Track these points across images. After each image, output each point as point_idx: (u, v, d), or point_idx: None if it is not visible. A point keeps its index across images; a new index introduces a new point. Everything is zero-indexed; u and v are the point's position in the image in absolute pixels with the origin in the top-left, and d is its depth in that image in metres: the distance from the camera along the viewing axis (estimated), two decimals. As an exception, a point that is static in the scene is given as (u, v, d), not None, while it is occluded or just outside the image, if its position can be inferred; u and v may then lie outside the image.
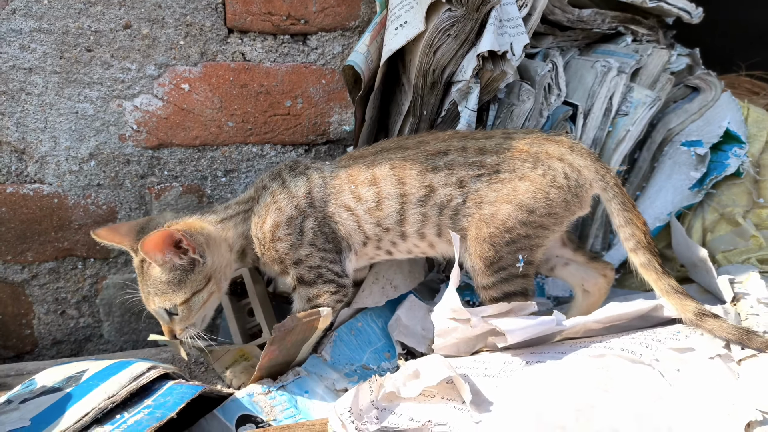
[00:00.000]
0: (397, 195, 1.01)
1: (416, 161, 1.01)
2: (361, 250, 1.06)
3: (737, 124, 1.33)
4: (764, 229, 1.23)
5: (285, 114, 1.29)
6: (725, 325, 0.87)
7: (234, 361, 1.10)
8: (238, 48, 1.23)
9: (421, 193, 1.00)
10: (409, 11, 1.06)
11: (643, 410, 0.78)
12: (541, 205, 0.98)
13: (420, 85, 1.08)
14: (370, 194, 1.01)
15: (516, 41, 1.06)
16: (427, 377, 0.84)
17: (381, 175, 1.02)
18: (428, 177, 1.00)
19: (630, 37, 1.39)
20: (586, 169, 1.00)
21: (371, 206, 1.02)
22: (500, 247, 0.99)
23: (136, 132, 1.22)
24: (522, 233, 0.99)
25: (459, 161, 1.00)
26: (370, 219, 1.02)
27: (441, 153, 1.01)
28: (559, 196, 0.98)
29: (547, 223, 1.00)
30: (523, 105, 1.13)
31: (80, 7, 1.13)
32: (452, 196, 1.00)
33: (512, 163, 0.99)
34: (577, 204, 1.01)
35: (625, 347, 0.90)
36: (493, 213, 0.98)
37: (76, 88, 1.17)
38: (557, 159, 0.99)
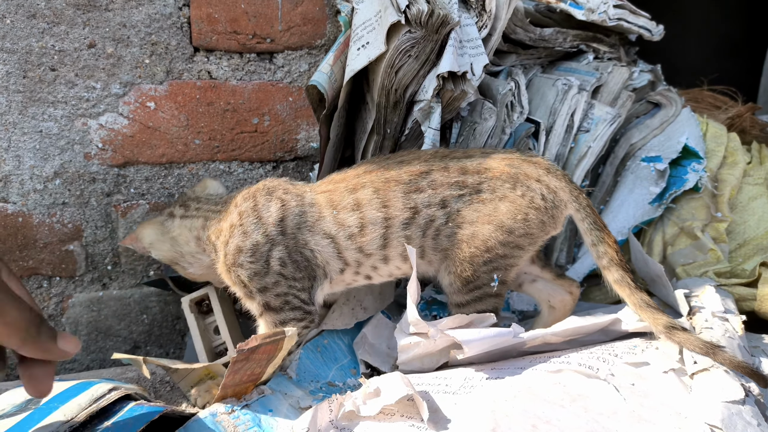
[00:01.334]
0: (382, 219, 0.99)
1: (400, 182, 1.00)
2: (337, 278, 1.04)
3: (696, 140, 1.36)
4: (722, 242, 1.26)
5: (252, 131, 1.30)
6: (693, 338, 0.89)
7: (199, 379, 1.10)
8: (204, 66, 1.24)
9: (406, 215, 0.99)
10: (371, 32, 1.08)
11: (597, 425, 0.80)
12: (520, 226, 0.99)
13: (383, 104, 1.09)
14: (353, 220, 0.99)
15: (476, 61, 1.08)
16: (387, 395, 0.84)
17: (364, 198, 0.99)
18: (412, 198, 0.99)
19: (592, 55, 1.43)
20: (562, 191, 1.01)
21: (354, 232, 0.99)
22: (478, 266, 1.00)
23: (102, 150, 1.22)
24: (500, 253, 1.00)
25: (442, 180, 1.00)
26: (351, 245, 1.00)
27: (424, 173, 1.00)
28: (536, 216, 1.00)
29: (523, 243, 1.01)
30: (486, 123, 1.15)
31: (44, 27, 1.13)
32: (435, 216, 0.99)
33: (492, 183, 0.99)
34: (552, 224, 1.02)
35: (582, 362, 0.92)
36: (473, 233, 0.99)
37: (41, 107, 1.17)
38: (535, 180, 1.00)
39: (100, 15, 1.15)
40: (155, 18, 1.18)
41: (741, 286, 1.16)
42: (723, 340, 0.92)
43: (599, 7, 1.37)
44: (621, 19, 1.41)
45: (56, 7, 1.12)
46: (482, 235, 0.98)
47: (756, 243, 1.25)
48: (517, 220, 0.99)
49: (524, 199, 0.99)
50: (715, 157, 1.38)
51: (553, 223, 1.02)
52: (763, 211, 1.29)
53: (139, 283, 1.32)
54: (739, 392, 0.82)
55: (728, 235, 1.28)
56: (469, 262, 0.99)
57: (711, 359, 0.86)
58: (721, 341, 0.91)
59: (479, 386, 0.89)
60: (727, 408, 0.80)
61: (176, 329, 1.38)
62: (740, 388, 0.82)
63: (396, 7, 1.03)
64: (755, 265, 1.19)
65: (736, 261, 1.24)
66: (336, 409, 0.86)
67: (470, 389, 0.89)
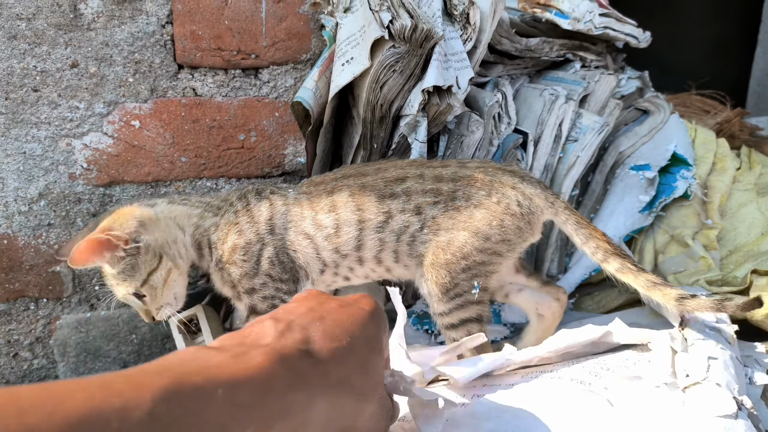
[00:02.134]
0: (356, 221, 1.01)
1: (375, 188, 1.02)
2: (318, 278, 1.06)
3: (684, 147, 1.36)
4: (713, 249, 1.26)
5: (239, 148, 1.29)
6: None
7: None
8: (188, 83, 1.23)
9: (380, 219, 1.01)
10: (355, 47, 1.07)
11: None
12: (496, 232, 1.00)
13: (368, 119, 1.09)
14: (329, 221, 1.01)
15: (461, 75, 1.07)
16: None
17: (340, 201, 1.02)
18: (386, 203, 1.01)
19: (579, 64, 1.42)
20: (537, 197, 1.02)
21: (330, 233, 1.02)
22: (456, 273, 1.00)
23: (87, 170, 1.21)
24: (477, 260, 1.00)
25: (416, 188, 1.01)
26: (328, 246, 1.02)
27: (399, 179, 1.02)
28: (512, 223, 1.00)
29: (501, 249, 1.01)
30: (473, 135, 1.14)
31: (25, 48, 1.12)
32: (410, 223, 1.00)
33: (468, 190, 1.00)
34: (529, 230, 1.03)
35: (574, 377, 0.91)
36: (449, 240, 1.00)
37: (24, 128, 1.16)
38: (510, 187, 1.01)
39: (83, 35, 1.14)
40: (138, 36, 1.17)
41: (733, 294, 1.15)
42: (715, 351, 0.91)
43: (585, 16, 1.36)
44: (607, 28, 1.41)
45: (37, 28, 1.11)
46: (458, 242, 0.99)
47: (747, 250, 1.25)
48: (493, 227, 0.99)
49: (500, 206, 1.00)
50: (705, 164, 1.38)
51: (530, 229, 1.02)
52: (754, 218, 1.29)
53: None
54: (731, 406, 0.81)
55: (719, 242, 1.27)
56: (446, 269, 0.99)
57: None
58: (713, 353, 0.90)
59: (471, 404, 0.88)
60: (721, 422, 0.79)
61: (166, 348, 1.37)
62: (732, 402, 0.81)
63: (379, 23, 1.03)
64: (746, 273, 1.18)
65: (727, 268, 1.23)
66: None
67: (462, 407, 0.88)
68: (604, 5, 1.43)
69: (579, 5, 1.37)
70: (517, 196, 1.00)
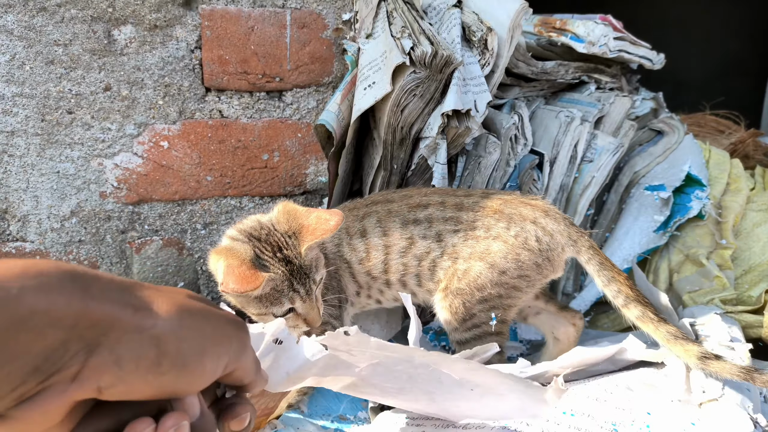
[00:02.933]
0: (382, 246, 1.04)
1: (399, 214, 1.04)
2: (356, 300, 1.09)
3: (698, 168, 1.38)
4: (727, 269, 1.27)
5: (262, 167, 1.33)
6: (728, 365, 0.87)
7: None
8: (215, 105, 1.28)
9: (403, 244, 1.03)
10: (377, 72, 1.11)
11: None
12: (512, 266, 1.00)
13: (389, 141, 1.12)
14: (362, 245, 1.04)
15: (479, 98, 1.11)
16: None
17: (369, 226, 1.05)
18: (409, 229, 1.03)
19: (594, 86, 1.45)
20: (559, 234, 1.02)
21: (362, 256, 1.05)
22: (471, 304, 1.01)
23: (117, 189, 1.26)
24: (493, 293, 1.01)
25: (437, 215, 1.03)
26: (362, 269, 1.05)
27: (422, 206, 1.04)
28: (530, 258, 1.00)
29: (519, 284, 1.02)
30: (490, 156, 1.17)
31: (61, 72, 1.17)
32: (430, 249, 1.03)
33: (487, 221, 1.01)
34: (549, 267, 1.03)
35: (590, 395, 0.93)
36: (466, 269, 1.01)
37: (58, 148, 1.21)
38: (530, 222, 1.01)
39: (115, 59, 1.19)
40: (168, 61, 1.22)
41: (747, 314, 1.17)
42: (730, 370, 0.93)
43: (600, 40, 1.40)
44: (622, 51, 1.44)
45: (73, 53, 1.17)
46: (474, 272, 1.00)
47: (762, 269, 1.26)
48: (509, 261, 1.00)
49: (517, 240, 1.00)
50: (719, 184, 1.40)
51: (550, 265, 1.02)
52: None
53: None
54: (747, 425, 0.83)
55: (733, 261, 1.29)
56: (461, 298, 1.00)
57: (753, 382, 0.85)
58: (728, 371, 0.92)
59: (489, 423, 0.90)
60: (736, 439, 0.81)
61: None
62: (749, 420, 0.83)
63: (401, 49, 1.07)
64: (761, 292, 1.19)
65: (742, 288, 1.25)
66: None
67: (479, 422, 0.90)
68: (618, 29, 1.46)
69: (594, 29, 1.40)
70: (537, 231, 1.01)
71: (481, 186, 1.20)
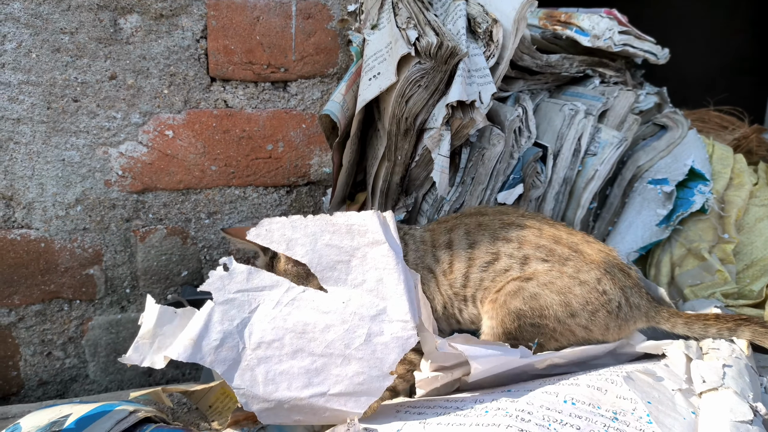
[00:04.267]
0: (466, 258, 1.04)
1: (490, 228, 1.05)
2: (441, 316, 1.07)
3: (702, 162, 1.38)
4: (729, 263, 1.28)
5: (267, 157, 1.34)
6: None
7: (217, 399, 1.12)
8: (220, 95, 1.28)
9: (487, 258, 1.03)
10: (382, 63, 1.12)
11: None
12: (585, 317, 1.00)
13: (393, 132, 1.13)
14: (446, 256, 1.05)
15: (484, 90, 1.11)
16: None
17: (456, 238, 1.06)
18: (497, 245, 1.03)
19: (598, 79, 1.45)
20: (638, 309, 1.02)
21: (446, 268, 1.05)
22: (525, 325, 1.00)
23: (122, 177, 1.26)
24: (551, 326, 1.00)
25: (532, 240, 1.03)
26: (445, 281, 1.05)
27: (516, 226, 1.04)
28: (604, 318, 1.00)
29: (578, 332, 1.01)
30: (494, 148, 1.18)
31: (67, 60, 1.18)
32: (511, 267, 1.02)
33: (580, 264, 1.01)
34: (615, 333, 1.02)
35: (591, 383, 0.93)
36: (535, 294, 0.99)
37: (63, 136, 1.21)
38: (619, 288, 1.01)
39: (121, 48, 1.20)
40: (174, 50, 1.23)
41: (748, 307, 1.18)
42: (730, 360, 0.94)
43: (605, 34, 1.40)
44: (626, 45, 1.44)
45: (79, 42, 1.17)
46: (544, 301, 0.99)
47: (763, 264, 1.26)
48: (586, 310, 0.99)
49: (602, 297, 0.99)
50: (722, 179, 1.40)
51: (617, 332, 1.02)
52: (770, 232, 1.31)
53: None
54: (747, 413, 0.83)
55: (735, 256, 1.29)
56: (516, 314, 0.99)
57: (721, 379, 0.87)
58: (728, 361, 0.93)
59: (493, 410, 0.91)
60: (736, 428, 0.81)
61: (192, 351, 1.41)
62: (749, 409, 0.84)
63: (406, 40, 1.07)
64: (762, 286, 1.20)
65: (743, 282, 1.25)
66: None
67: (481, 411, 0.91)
68: (623, 23, 1.46)
69: (599, 23, 1.40)
70: (621, 300, 1.00)
71: (485, 178, 1.20)
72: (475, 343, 0.96)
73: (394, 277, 0.89)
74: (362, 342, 0.87)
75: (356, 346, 0.87)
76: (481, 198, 1.22)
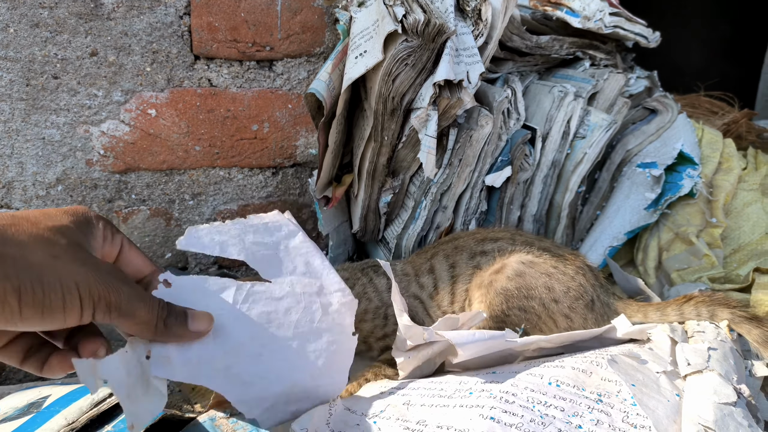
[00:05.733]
0: (449, 277, 1.08)
1: (466, 248, 1.09)
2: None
3: (691, 146, 1.37)
4: (716, 248, 1.27)
5: (252, 138, 1.32)
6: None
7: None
8: (204, 74, 1.26)
9: (469, 272, 1.06)
10: (368, 41, 1.10)
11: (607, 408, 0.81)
12: (566, 303, 1.01)
13: (380, 111, 1.11)
14: (430, 281, 1.09)
15: (472, 70, 1.09)
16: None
17: (437, 263, 1.10)
18: (476, 259, 1.07)
19: (588, 62, 1.44)
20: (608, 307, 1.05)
21: (431, 291, 1.09)
22: (513, 307, 1.01)
23: (103, 157, 1.24)
24: (537, 310, 1.01)
25: (506, 247, 1.06)
26: (433, 304, 1.09)
27: (490, 240, 1.08)
28: (583, 309, 1.02)
29: (560, 322, 1.02)
30: (482, 130, 1.16)
31: (46, 36, 1.15)
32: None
33: (558, 260, 1.04)
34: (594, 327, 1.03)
35: (576, 366, 0.93)
36: (521, 272, 1.01)
37: (43, 114, 1.19)
38: (591, 286, 1.03)
39: (102, 24, 1.17)
40: (156, 27, 1.20)
41: (735, 292, 1.17)
42: (715, 343, 0.93)
43: (595, 15, 1.38)
44: (617, 27, 1.43)
45: (59, 17, 1.14)
46: (529, 279, 1.00)
47: (750, 248, 1.26)
48: (568, 297, 1.01)
49: (579, 288, 1.02)
50: (711, 163, 1.39)
51: (595, 326, 1.03)
52: (758, 217, 1.30)
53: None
54: (731, 394, 0.83)
55: (723, 240, 1.29)
56: (504, 296, 1.00)
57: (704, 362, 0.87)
58: (713, 344, 0.92)
59: (477, 391, 0.90)
60: (720, 409, 0.81)
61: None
62: (732, 391, 0.83)
63: (393, 17, 1.05)
64: (749, 271, 1.19)
65: (730, 266, 1.25)
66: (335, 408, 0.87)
67: (465, 393, 0.90)
68: (614, 4, 1.44)
69: (590, 4, 1.39)
70: (594, 295, 1.03)
71: (473, 159, 1.19)
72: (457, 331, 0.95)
73: (317, 257, 0.92)
74: (322, 314, 0.90)
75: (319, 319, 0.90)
76: (468, 180, 1.20)
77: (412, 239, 1.22)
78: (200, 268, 1.37)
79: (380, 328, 1.11)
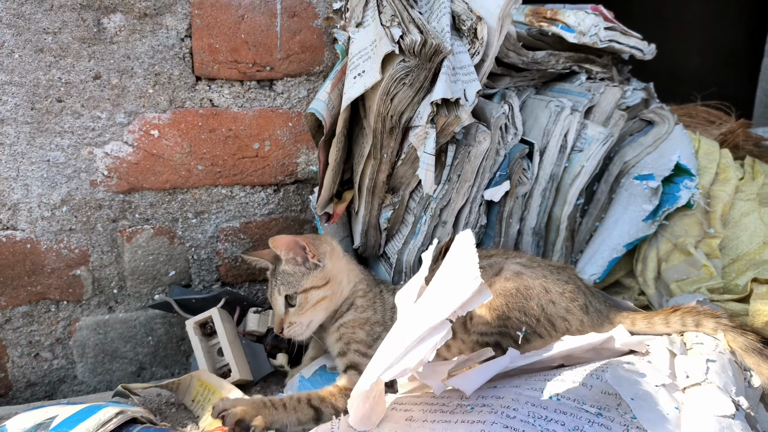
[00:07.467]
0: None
1: None
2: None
3: (688, 158, 1.38)
4: (715, 258, 1.28)
5: (253, 156, 1.33)
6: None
7: (197, 392, 1.13)
8: (206, 94, 1.28)
9: None
10: (366, 60, 1.12)
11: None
12: (562, 305, 1.05)
13: (379, 130, 1.13)
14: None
15: (469, 87, 1.11)
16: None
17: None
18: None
19: (584, 76, 1.46)
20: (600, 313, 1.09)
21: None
22: (512, 304, 1.04)
23: (107, 177, 1.26)
24: (536, 313, 1.04)
25: (500, 261, 1.11)
26: None
27: (486, 257, 1.12)
28: (578, 312, 1.05)
29: (558, 324, 1.05)
30: (480, 146, 1.18)
31: (50, 60, 1.17)
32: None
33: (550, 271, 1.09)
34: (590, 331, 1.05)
35: (576, 379, 0.94)
36: (518, 272, 1.06)
37: (48, 137, 1.21)
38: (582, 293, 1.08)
39: (105, 48, 1.19)
40: (158, 49, 1.22)
41: (733, 302, 1.18)
42: (713, 355, 0.94)
43: (590, 30, 1.40)
44: (612, 41, 1.44)
45: (63, 41, 1.16)
46: (528, 282, 1.04)
47: (748, 258, 1.27)
48: (564, 299, 1.05)
49: (572, 293, 1.06)
50: (708, 174, 1.40)
51: (591, 330, 1.05)
52: (755, 227, 1.31)
53: (145, 306, 1.35)
54: (730, 407, 0.84)
55: (721, 251, 1.30)
56: (504, 297, 1.03)
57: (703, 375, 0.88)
58: (712, 356, 0.93)
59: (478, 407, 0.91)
60: (719, 422, 0.82)
61: (181, 350, 1.41)
62: (731, 403, 0.84)
63: (390, 38, 1.07)
64: (747, 281, 1.20)
65: (729, 277, 1.26)
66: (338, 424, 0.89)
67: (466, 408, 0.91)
68: (609, 19, 1.46)
69: (584, 19, 1.40)
70: (586, 300, 1.07)
71: (471, 175, 1.20)
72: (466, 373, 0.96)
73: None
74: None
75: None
76: (467, 195, 1.22)
77: (413, 254, 1.23)
78: (203, 285, 1.38)
79: (366, 346, 1.12)
